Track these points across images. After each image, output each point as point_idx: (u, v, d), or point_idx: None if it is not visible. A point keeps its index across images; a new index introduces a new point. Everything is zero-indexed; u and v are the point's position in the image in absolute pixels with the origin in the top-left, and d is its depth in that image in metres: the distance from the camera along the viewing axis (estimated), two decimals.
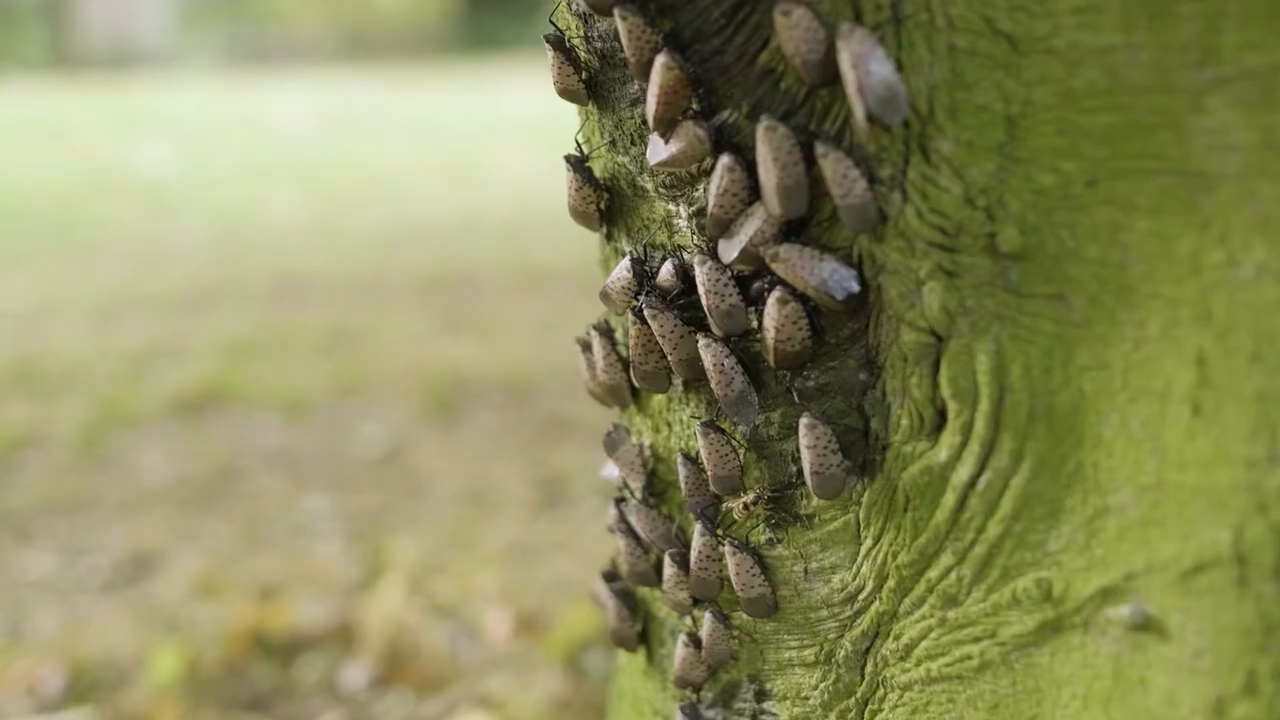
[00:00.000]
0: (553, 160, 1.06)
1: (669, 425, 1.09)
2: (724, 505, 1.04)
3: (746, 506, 0.99)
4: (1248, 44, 0.76)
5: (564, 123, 1.01)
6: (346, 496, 3.64)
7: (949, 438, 0.89)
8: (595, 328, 1.11)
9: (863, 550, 0.96)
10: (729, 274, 0.95)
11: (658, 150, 0.94)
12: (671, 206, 0.99)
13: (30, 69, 13.66)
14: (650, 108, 0.92)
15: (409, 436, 4.10)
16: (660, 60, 0.90)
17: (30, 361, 4.74)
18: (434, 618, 2.80)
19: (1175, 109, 0.79)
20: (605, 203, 1.05)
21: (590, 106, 1.02)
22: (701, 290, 0.95)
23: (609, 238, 1.08)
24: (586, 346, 1.13)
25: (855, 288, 0.90)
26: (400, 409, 4.34)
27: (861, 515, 0.96)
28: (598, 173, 1.06)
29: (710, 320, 0.96)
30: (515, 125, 10.03)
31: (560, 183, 1.06)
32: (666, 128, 0.92)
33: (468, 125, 10.59)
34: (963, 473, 0.89)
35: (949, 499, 0.90)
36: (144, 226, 7.22)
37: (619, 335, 1.11)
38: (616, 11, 0.90)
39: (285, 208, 7.73)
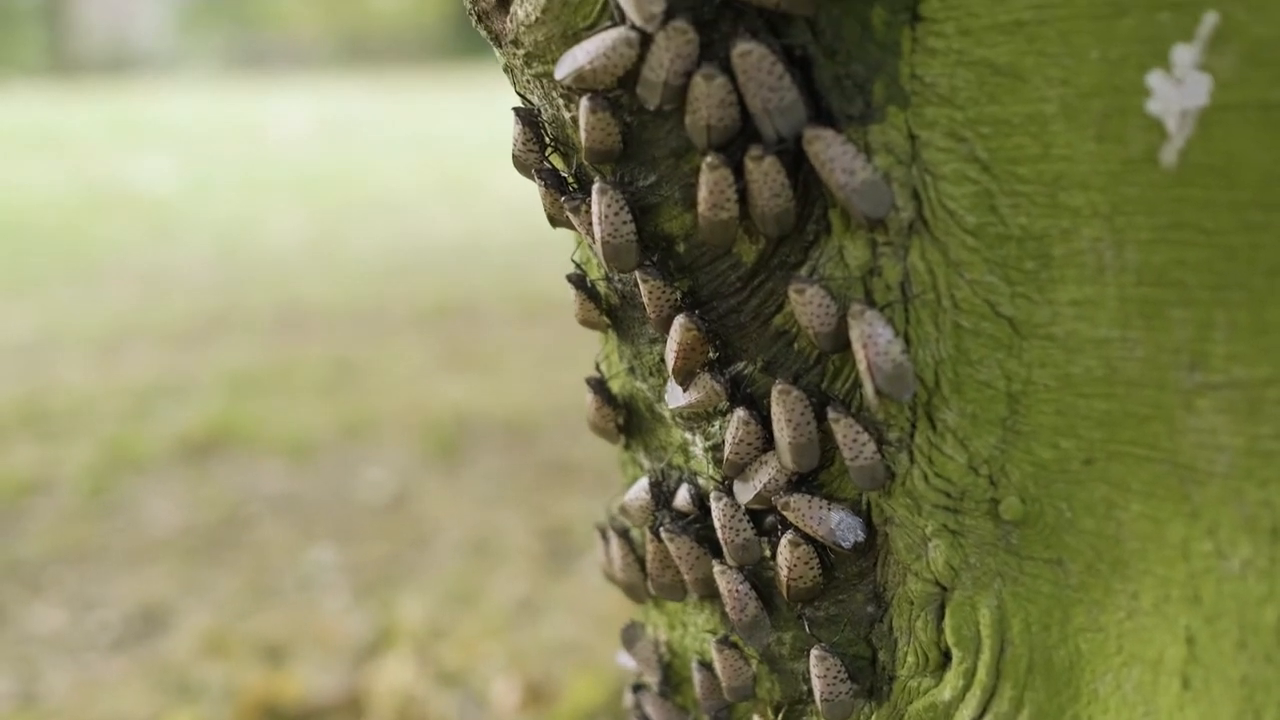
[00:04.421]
0: None
1: (684, 625, 1.14)
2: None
3: None
4: (1234, 356, 0.81)
5: None
6: (352, 547, 3.68)
7: (953, 679, 0.94)
8: (614, 529, 1.15)
9: None
10: (743, 510, 1.00)
11: (676, 397, 0.99)
12: (688, 435, 1.04)
13: (28, 73, 13.66)
14: (669, 360, 0.96)
15: (413, 481, 4.14)
16: (680, 320, 0.94)
17: (36, 399, 4.78)
18: (441, 686, 2.85)
19: (1168, 405, 0.84)
20: (623, 418, 1.10)
21: (610, 333, 1.07)
22: (717, 524, 1.00)
23: (627, 447, 1.13)
24: (605, 537, 1.18)
25: (862, 537, 0.95)
26: (403, 451, 4.38)
27: None
28: (616, 390, 1.10)
29: (725, 551, 1.01)
30: None
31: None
32: (685, 379, 0.97)
33: (467, 134, 10.61)
34: (965, 714, 0.94)
35: None
36: (146, 249, 7.25)
37: (635, 535, 1.16)
38: (637, 274, 0.95)
39: (286, 227, 7.76)
